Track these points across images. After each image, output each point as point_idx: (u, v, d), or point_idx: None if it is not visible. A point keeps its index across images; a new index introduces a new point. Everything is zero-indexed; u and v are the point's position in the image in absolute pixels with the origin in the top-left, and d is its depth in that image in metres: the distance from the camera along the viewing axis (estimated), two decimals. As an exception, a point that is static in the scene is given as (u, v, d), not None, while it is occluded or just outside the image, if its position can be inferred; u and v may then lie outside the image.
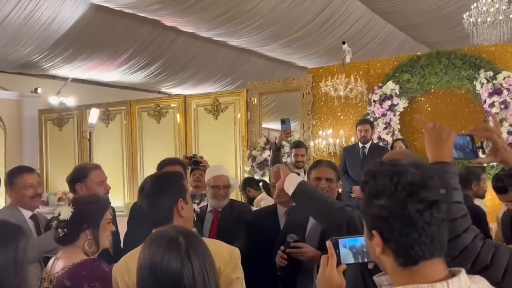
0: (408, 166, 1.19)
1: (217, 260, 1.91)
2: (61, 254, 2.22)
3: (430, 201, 1.13)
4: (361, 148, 5.93)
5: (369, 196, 1.19)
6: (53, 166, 9.50)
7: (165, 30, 10.96)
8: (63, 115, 9.45)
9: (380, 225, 1.16)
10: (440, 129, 1.63)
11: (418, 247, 1.13)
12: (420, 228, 1.12)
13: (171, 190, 2.03)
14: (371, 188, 1.19)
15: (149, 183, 2.05)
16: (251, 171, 7.52)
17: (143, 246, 1.52)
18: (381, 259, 1.20)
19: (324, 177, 3.00)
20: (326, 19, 11.46)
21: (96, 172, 3.01)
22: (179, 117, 8.41)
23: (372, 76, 7.09)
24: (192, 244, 1.47)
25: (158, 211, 2.00)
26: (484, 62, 6.33)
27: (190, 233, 1.54)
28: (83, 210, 2.22)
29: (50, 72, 11.23)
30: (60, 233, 2.17)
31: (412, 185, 1.14)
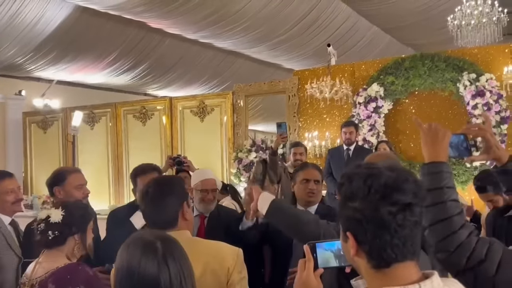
0: (383, 169, 1.20)
1: (226, 260, 1.97)
2: (43, 258, 2.20)
3: (403, 204, 1.14)
4: (345, 150, 5.97)
5: (344, 199, 1.20)
6: (37, 169, 9.42)
7: (151, 32, 10.91)
8: (48, 118, 9.37)
9: (354, 227, 1.17)
10: (436, 129, 1.66)
11: (390, 250, 1.14)
12: (393, 230, 1.13)
13: (176, 193, 2.05)
14: (346, 190, 1.20)
15: (153, 187, 2.06)
16: (237, 173, 7.52)
17: (121, 249, 1.51)
18: (355, 261, 1.20)
19: (313, 178, 3.03)
20: (312, 21, 11.50)
21: (74, 175, 2.97)
22: (165, 120, 8.38)
23: (357, 78, 7.13)
24: (169, 249, 1.46)
25: (163, 215, 2.01)
26: (467, 64, 6.40)
27: (167, 238, 1.52)
28: (74, 214, 2.22)
29: (35, 74, 11.12)
30: (50, 236, 2.16)
31: (385, 187, 1.14)
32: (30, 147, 9.48)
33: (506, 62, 6.28)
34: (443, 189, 1.56)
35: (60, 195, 2.91)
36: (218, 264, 1.97)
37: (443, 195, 1.55)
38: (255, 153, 7.41)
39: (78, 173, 3.00)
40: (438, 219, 1.55)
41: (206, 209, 3.49)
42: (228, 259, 2.00)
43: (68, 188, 2.91)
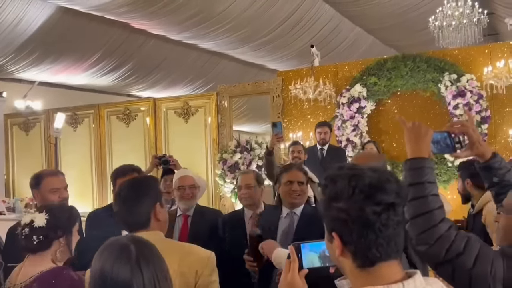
0: (366, 170, 1.22)
1: (195, 263, 1.98)
2: (28, 262, 2.18)
3: (387, 203, 1.16)
4: (319, 150, 5.99)
5: (329, 199, 1.22)
6: (19, 171, 9.30)
7: (134, 33, 10.86)
8: (30, 120, 9.26)
9: (339, 227, 1.19)
10: (419, 126, 1.72)
11: (375, 249, 1.16)
12: (377, 230, 1.15)
13: (148, 195, 2.06)
14: (330, 191, 1.22)
15: (126, 188, 2.08)
16: (222, 174, 7.52)
17: (97, 253, 1.50)
18: (340, 261, 1.22)
19: (296, 180, 3.06)
20: (295, 22, 11.56)
21: (50, 179, 2.92)
22: (149, 121, 8.34)
23: (340, 79, 7.19)
24: (144, 252, 1.45)
25: (136, 216, 2.02)
26: (448, 65, 6.50)
27: (142, 241, 1.51)
28: (58, 217, 2.21)
29: (16, 76, 10.99)
30: (35, 240, 2.14)
31: (369, 187, 1.17)
32: (12, 149, 9.36)
33: (486, 62, 6.39)
34: (424, 184, 1.62)
35: (38, 198, 2.90)
36: (186, 267, 1.97)
37: (424, 189, 1.60)
38: (239, 154, 7.41)
39: (54, 177, 2.95)
40: (419, 212, 1.60)
41: (186, 206, 3.52)
42: (197, 261, 2.01)
43: (43, 191, 2.89)
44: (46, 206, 2.29)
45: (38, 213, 2.19)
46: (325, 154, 5.93)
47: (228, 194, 7.60)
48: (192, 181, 3.54)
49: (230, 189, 7.54)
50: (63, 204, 2.41)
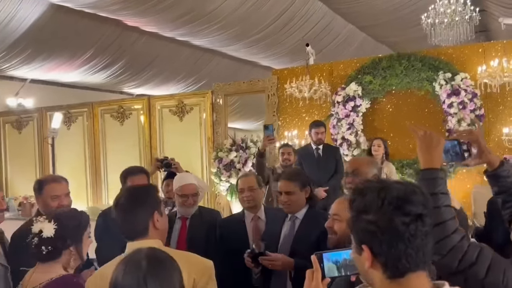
0: (392, 183, 1.27)
1: (192, 271, 1.97)
2: (39, 268, 2.18)
3: (415, 214, 1.21)
4: (315, 150, 6.00)
5: (357, 212, 1.26)
6: (13, 170, 9.24)
7: (127, 30, 10.80)
8: (22, 118, 9.19)
9: (369, 239, 1.23)
10: (430, 136, 1.73)
11: (405, 259, 1.20)
12: (407, 240, 1.19)
13: (146, 203, 2.07)
14: (359, 204, 1.26)
15: (124, 197, 2.08)
16: (217, 173, 7.52)
17: (117, 264, 1.58)
18: (370, 273, 1.25)
19: (283, 190, 3.09)
20: (288, 19, 11.56)
21: (52, 186, 2.93)
22: (143, 119, 8.32)
23: (335, 77, 7.21)
24: (153, 269, 1.52)
25: (133, 224, 2.03)
26: (443, 64, 6.53)
27: (157, 258, 1.57)
28: (67, 227, 2.19)
29: (8, 73, 10.89)
30: (44, 251, 2.13)
31: (397, 199, 1.21)
32: (5, 148, 9.30)
33: (480, 61, 6.44)
34: (437, 195, 1.63)
35: (40, 204, 2.91)
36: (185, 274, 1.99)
37: (438, 200, 1.62)
38: (235, 153, 7.42)
39: (55, 184, 2.94)
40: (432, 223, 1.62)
41: (187, 212, 3.54)
42: (194, 270, 2.02)
43: (44, 197, 2.90)
44: (55, 215, 2.27)
45: (47, 223, 2.17)
46: (321, 153, 5.95)
47: (224, 193, 7.61)
48: (194, 189, 3.53)
49: (225, 187, 7.56)
50: (72, 211, 2.39)
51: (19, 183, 8.89)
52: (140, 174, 3.45)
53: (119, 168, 8.39)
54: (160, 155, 8.10)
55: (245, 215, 3.47)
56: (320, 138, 5.91)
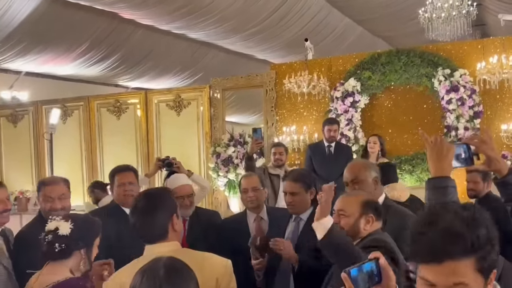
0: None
1: (215, 271, 2.01)
2: (46, 271, 2.18)
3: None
4: (326, 147, 6.01)
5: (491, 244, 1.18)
6: (8, 164, 9.16)
7: (123, 23, 10.71)
8: (18, 111, 9.10)
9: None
10: (441, 144, 1.73)
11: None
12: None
13: (166, 206, 2.09)
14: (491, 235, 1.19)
15: (142, 200, 2.10)
16: (215, 168, 7.50)
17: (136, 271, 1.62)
18: None
19: (288, 191, 3.09)
20: (285, 13, 11.51)
21: (47, 188, 2.92)
22: (140, 113, 8.26)
23: (334, 73, 7.19)
24: (170, 279, 1.55)
25: (154, 228, 2.05)
26: (442, 60, 6.54)
27: (175, 267, 1.59)
28: (82, 228, 2.22)
29: (2, 66, 10.78)
30: (57, 248, 2.15)
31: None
32: (0, 142, 9.21)
33: (479, 58, 6.44)
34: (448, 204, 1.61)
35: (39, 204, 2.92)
36: (206, 275, 1.99)
37: None
38: (233, 148, 7.40)
39: (49, 186, 2.93)
40: None
41: (185, 214, 3.52)
42: (217, 269, 2.04)
43: (41, 199, 2.92)
44: (72, 216, 2.31)
45: (63, 222, 2.20)
46: (333, 151, 5.96)
47: (222, 188, 7.60)
48: (189, 190, 3.52)
49: (223, 182, 7.54)
50: (87, 216, 2.41)
51: (14, 178, 8.81)
52: (127, 171, 3.42)
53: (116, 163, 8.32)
54: (157, 150, 8.08)
55: (247, 216, 3.46)
56: (333, 135, 5.92)
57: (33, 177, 8.90)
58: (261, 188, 3.42)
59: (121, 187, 3.36)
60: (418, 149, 6.52)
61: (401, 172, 6.60)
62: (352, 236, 2.37)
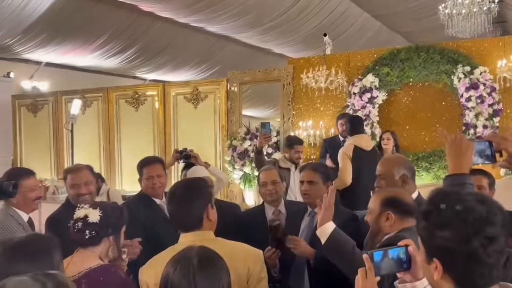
0: (474, 201, 1.24)
1: (247, 259, 2.07)
2: (76, 257, 2.24)
3: (493, 236, 1.20)
4: (341, 142, 6.01)
5: (434, 226, 1.25)
6: (27, 152, 9.32)
7: (142, 15, 10.79)
8: (38, 101, 9.23)
9: (442, 255, 1.23)
10: (460, 141, 1.74)
11: (478, 277, 1.20)
12: (482, 261, 1.19)
13: (202, 196, 2.15)
14: (435, 218, 1.25)
15: (180, 189, 2.16)
16: (231, 161, 7.55)
17: (169, 259, 1.68)
18: (439, 283, 1.26)
19: (306, 180, 3.12)
20: (303, 7, 11.48)
21: (71, 176, 3.07)
22: (158, 105, 8.33)
23: (352, 68, 7.17)
24: (203, 268, 1.60)
25: (190, 216, 2.11)
26: (462, 57, 6.47)
27: (208, 256, 1.65)
28: (111, 216, 2.28)
29: (23, 56, 10.94)
30: (87, 235, 2.21)
31: (479, 221, 1.20)
32: (20, 131, 9.35)
33: (500, 55, 6.37)
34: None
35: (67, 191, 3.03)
36: (239, 263, 2.04)
37: None
38: (249, 141, 7.43)
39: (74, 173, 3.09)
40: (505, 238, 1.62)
41: None
42: (249, 258, 2.09)
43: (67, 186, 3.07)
44: (101, 204, 2.37)
45: (92, 209, 2.26)
46: None
47: (237, 181, 7.64)
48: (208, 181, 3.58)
49: (239, 175, 7.59)
50: (115, 204, 2.48)
51: (33, 166, 8.90)
52: (155, 164, 3.50)
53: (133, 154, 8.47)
54: (174, 142, 8.15)
55: (265, 209, 3.49)
56: (345, 130, 5.92)
57: (51, 166, 9.05)
58: (280, 181, 3.44)
59: (149, 180, 3.44)
60: (436, 147, 6.48)
61: (418, 169, 6.58)
62: (376, 232, 2.40)
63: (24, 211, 2.88)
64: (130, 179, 8.24)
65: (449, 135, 1.79)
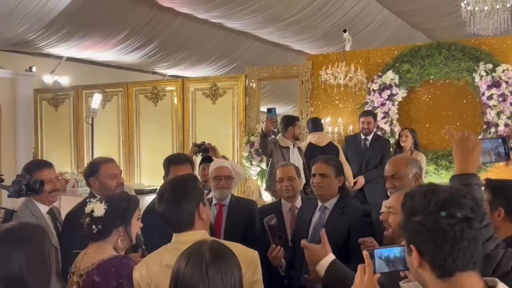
0: (442, 186, 1.32)
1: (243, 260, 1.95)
2: (91, 249, 2.28)
3: (462, 217, 1.23)
4: (363, 140, 5.99)
5: (407, 214, 1.32)
6: (48, 146, 9.46)
7: (162, 11, 10.84)
8: (59, 95, 9.36)
9: (417, 239, 1.29)
10: (467, 140, 1.70)
11: (451, 259, 1.23)
12: (452, 241, 1.23)
13: (191, 196, 2.08)
14: (408, 206, 1.32)
15: (168, 190, 2.09)
16: (248, 157, 7.56)
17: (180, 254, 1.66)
18: (419, 273, 1.30)
19: (318, 172, 3.09)
20: (323, 3, 11.41)
21: (107, 166, 3.04)
22: (177, 101, 8.38)
23: (371, 65, 7.12)
24: (216, 261, 1.59)
25: (180, 217, 2.05)
26: (484, 54, 6.38)
27: (219, 251, 1.63)
28: (116, 207, 2.30)
29: (45, 51, 11.09)
30: (94, 230, 2.24)
31: (443, 201, 1.26)
32: (41, 124, 9.50)
33: (523, 53, 6.26)
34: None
35: (96, 185, 2.98)
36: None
37: None
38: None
39: (110, 163, 3.06)
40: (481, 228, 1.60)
41: (221, 195, 3.56)
42: (242, 260, 1.98)
43: (102, 178, 2.99)
44: (107, 196, 2.38)
45: (98, 203, 2.28)
46: (369, 145, 5.93)
47: (254, 177, 7.65)
48: (228, 172, 3.57)
49: (256, 171, 7.59)
50: (122, 193, 2.47)
51: (54, 159, 8.91)
52: (185, 164, 3.31)
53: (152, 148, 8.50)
54: (192, 137, 8.18)
55: (282, 205, 3.49)
56: (367, 128, 5.92)
57: (71, 159, 9.17)
58: (296, 178, 3.43)
59: None
60: (456, 145, 6.39)
61: (437, 167, 6.52)
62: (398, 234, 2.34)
63: (42, 203, 2.91)
64: (148, 173, 8.32)
65: (456, 134, 1.75)
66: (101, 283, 2.11)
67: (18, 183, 2.71)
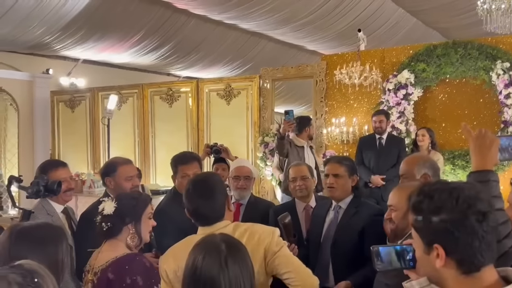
0: (460, 183, 1.31)
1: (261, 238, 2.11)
2: (105, 247, 2.30)
3: (485, 212, 1.24)
4: (377, 139, 5.96)
5: (429, 213, 1.28)
6: (65, 147, 9.58)
7: (176, 12, 10.91)
8: (75, 97, 9.47)
9: (443, 238, 1.25)
10: (484, 137, 1.69)
11: (480, 255, 1.23)
12: (481, 236, 1.23)
13: (221, 188, 2.24)
14: (429, 205, 1.28)
15: (199, 187, 2.21)
16: (263, 158, 7.56)
17: (191, 249, 1.69)
18: (441, 271, 1.27)
19: (331, 173, 3.09)
20: (337, 3, 11.37)
21: (124, 167, 3.04)
22: (191, 102, 8.42)
23: (387, 64, 7.07)
24: (232, 252, 1.63)
25: (215, 210, 2.18)
26: (501, 53, 6.30)
27: (233, 242, 1.69)
28: (126, 205, 2.32)
29: (61, 53, 11.22)
30: (104, 227, 2.27)
31: (470, 198, 1.25)
32: (58, 125, 9.62)
33: (541, 51, 6.17)
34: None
35: (111, 186, 3.00)
36: (256, 238, 2.11)
37: None
38: (282, 138, 7.41)
39: (128, 165, 3.07)
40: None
41: (240, 196, 3.56)
42: (265, 236, 2.14)
43: (118, 179, 3.01)
44: (118, 195, 2.43)
45: (109, 202, 2.32)
46: (384, 144, 5.90)
47: (269, 177, 7.65)
48: (248, 173, 3.56)
49: (270, 172, 7.59)
50: (134, 192, 2.50)
51: (70, 160, 9.12)
52: (193, 162, 3.32)
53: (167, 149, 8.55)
54: (207, 138, 8.21)
55: (296, 205, 3.48)
56: (379, 126, 5.90)
57: (88, 160, 9.27)
58: (309, 177, 3.43)
59: (185, 178, 3.26)
60: (472, 145, 6.32)
61: (454, 167, 6.45)
62: (402, 230, 2.32)
63: (57, 202, 2.95)
64: (164, 174, 8.36)
65: (473, 131, 1.74)
66: (115, 281, 2.13)
67: (36, 184, 2.76)
